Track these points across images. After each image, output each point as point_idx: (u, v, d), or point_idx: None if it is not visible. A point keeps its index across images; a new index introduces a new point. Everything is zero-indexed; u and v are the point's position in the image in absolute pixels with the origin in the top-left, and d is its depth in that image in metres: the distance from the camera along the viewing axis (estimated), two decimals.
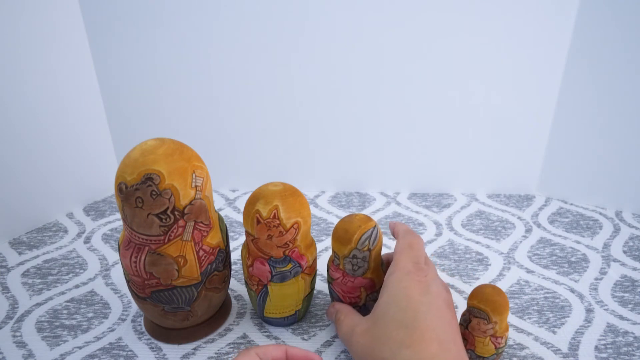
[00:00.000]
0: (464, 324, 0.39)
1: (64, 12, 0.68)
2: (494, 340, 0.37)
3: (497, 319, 0.36)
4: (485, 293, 0.37)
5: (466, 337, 0.38)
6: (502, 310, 0.37)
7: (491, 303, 0.36)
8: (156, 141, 0.43)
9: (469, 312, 0.38)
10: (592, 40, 0.66)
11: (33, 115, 0.66)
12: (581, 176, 0.75)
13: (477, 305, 0.37)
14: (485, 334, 0.37)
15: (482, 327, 0.37)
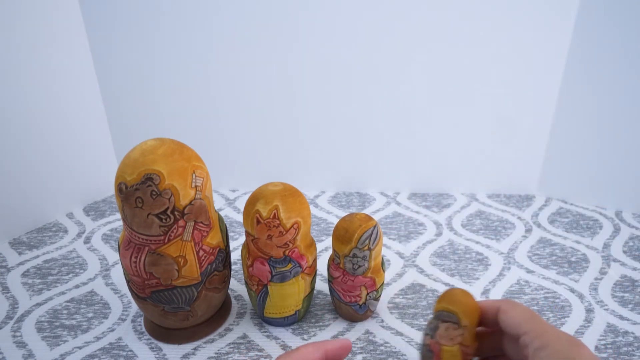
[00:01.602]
0: (430, 333, 0.34)
1: (64, 12, 0.68)
2: (464, 350, 0.33)
3: (467, 322, 0.33)
4: (454, 294, 0.35)
5: (432, 348, 0.34)
6: (472, 313, 0.34)
7: (461, 304, 0.34)
8: (156, 141, 0.43)
9: (437, 318, 0.35)
10: (591, 40, 0.66)
11: (33, 116, 0.66)
12: (581, 176, 0.75)
13: (446, 307, 0.34)
14: (454, 341, 0.33)
15: (451, 332, 0.33)
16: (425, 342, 0.34)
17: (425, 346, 0.34)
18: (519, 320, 0.30)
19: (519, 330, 0.29)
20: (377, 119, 0.75)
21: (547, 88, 0.71)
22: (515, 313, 0.30)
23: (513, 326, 0.30)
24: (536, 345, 0.27)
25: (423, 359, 0.35)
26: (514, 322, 0.30)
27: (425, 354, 0.34)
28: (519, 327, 0.29)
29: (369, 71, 0.71)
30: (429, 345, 0.34)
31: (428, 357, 0.34)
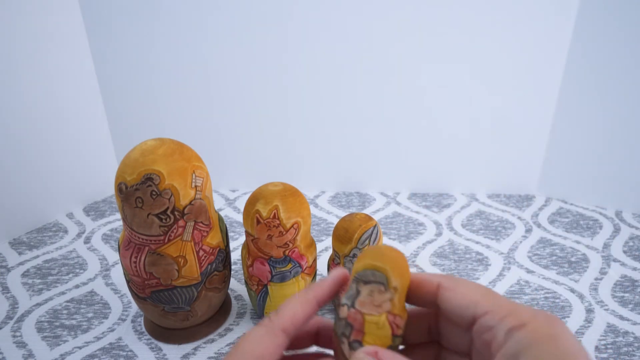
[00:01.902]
0: (347, 302, 0.26)
1: (64, 12, 0.68)
2: (392, 321, 0.25)
3: (397, 283, 0.25)
4: (379, 249, 0.27)
5: (351, 321, 0.25)
6: (403, 272, 0.26)
7: (390, 260, 0.26)
8: (156, 141, 0.43)
9: (358, 280, 0.26)
10: (591, 41, 0.66)
11: (33, 116, 0.66)
12: (581, 176, 0.75)
13: (370, 264, 0.26)
14: (380, 309, 0.25)
15: (377, 297, 0.25)
16: (342, 315, 0.25)
17: (342, 320, 0.25)
18: (473, 298, 0.23)
19: (476, 311, 0.23)
20: (377, 119, 0.75)
21: (547, 88, 0.71)
22: (465, 290, 0.24)
23: (464, 306, 0.23)
24: (509, 324, 0.21)
25: (338, 337, 0.25)
26: (466, 301, 0.23)
27: (342, 330, 0.25)
28: (474, 306, 0.23)
29: (370, 71, 0.71)
30: (346, 318, 0.25)
31: (345, 332, 0.25)
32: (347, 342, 0.25)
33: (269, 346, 0.23)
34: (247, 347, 0.23)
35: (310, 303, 0.25)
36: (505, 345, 0.20)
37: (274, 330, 0.24)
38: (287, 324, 0.24)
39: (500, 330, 0.21)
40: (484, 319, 0.22)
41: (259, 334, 0.24)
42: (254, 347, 0.23)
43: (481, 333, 0.22)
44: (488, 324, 0.22)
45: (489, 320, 0.22)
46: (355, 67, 0.71)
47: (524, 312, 0.21)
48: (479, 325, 0.23)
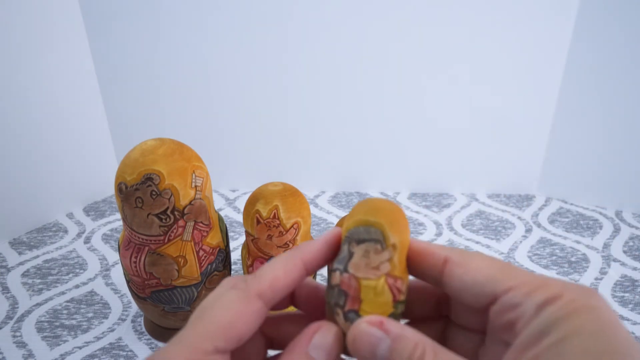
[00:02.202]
0: (339, 267, 0.22)
1: (64, 12, 0.68)
2: (393, 285, 0.21)
3: (396, 240, 0.21)
4: (372, 201, 0.23)
5: (344, 289, 0.21)
6: (402, 226, 0.22)
7: (385, 213, 0.22)
8: (156, 141, 0.43)
9: (349, 241, 0.22)
10: (591, 40, 0.66)
11: (33, 116, 0.66)
12: (581, 176, 0.75)
13: (364, 219, 0.22)
14: (379, 271, 0.21)
15: (373, 258, 0.21)
16: (333, 283, 0.21)
17: (334, 288, 0.21)
18: (490, 273, 0.19)
19: (495, 288, 0.19)
20: (378, 119, 0.75)
21: (547, 88, 0.71)
22: (479, 264, 0.20)
23: (480, 284, 0.19)
24: (540, 298, 0.17)
25: (332, 308, 0.21)
26: (482, 278, 0.19)
27: (335, 300, 0.21)
28: (493, 283, 0.19)
29: (370, 72, 0.71)
30: (339, 285, 0.21)
31: (339, 302, 0.21)
32: (341, 313, 0.21)
33: (242, 313, 0.19)
34: (215, 313, 0.19)
35: (296, 266, 0.21)
36: (535, 320, 0.17)
37: (248, 295, 0.20)
38: (264, 289, 0.20)
39: (529, 307, 0.18)
40: (507, 297, 0.19)
41: (229, 298, 0.20)
42: (221, 313, 0.19)
43: (503, 313, 0.19)
44: (513, 302, 0.18)
45: (513, 297, 0.18)
46: (355, 68, 0.71)
47: (555, 284, 0.18)
48: (500, 305, 0.19)
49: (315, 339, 0.20)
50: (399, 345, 0.19)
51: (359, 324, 0.20)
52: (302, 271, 0.22)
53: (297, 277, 0.21)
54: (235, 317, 0.19)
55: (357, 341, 0.20)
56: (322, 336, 0.20)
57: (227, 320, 0.19)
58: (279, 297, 0.21)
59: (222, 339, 0.19)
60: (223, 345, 0.19)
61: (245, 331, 0.20)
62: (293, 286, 0.21)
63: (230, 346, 0.19)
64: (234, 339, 0.19)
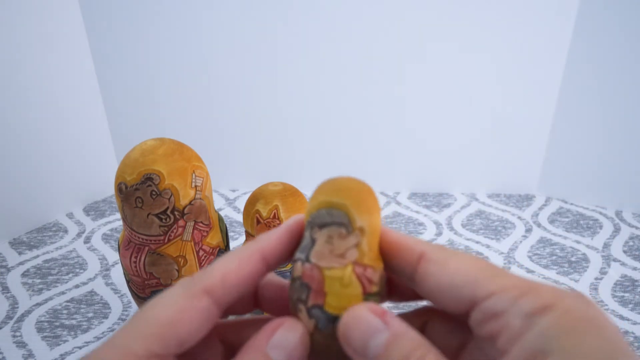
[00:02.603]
0: (301, 256, 0.19)
1: (64, 13, 0.68)
2: (362, 274, 0.18)
3: (363, 223, 0.18)
4: (337, 181, 0.20)
5: (307, 281, 0.18)
6: (370, 207, 0.19)
7: (350, 192, 0.19)
8: (156, 141, 0.43)
9: (311, 226, 0.19)
10: (592, 40, 0.66)
11: (33, 116, 0.66)
12: (581, 176, 0.75)
13: (325, 201, 0.19)
14: (345, 259, 0.18)
15: (338, 244, 0.18)
16: (295, 275, 0.19)
17: (296, 281, 0.19)
18: (471, 274, 0.17)
19: (475, 292, 0.16)
20: (378, 118, 0.75)
21: (547, 88, 0.71)
22: (459, 264, 0.17)
23: (457, 286, 0.17)
24: (528, 307, 0.15)
25: (294, 304, 0.19)
26: (460, 279, 0.17)
27: (297, 294, 0.19)
28: (473, 285, 0.16)
29: (370, 71, 0.71)
30: (300, 277, 0.19)
31: (301, 297, 0.18)
32: (304, 309, 0.18)
33: (184, 311, 0.17)
34: (153, 312, 0.17)
35: (252, 259, 0.18)
36: (527, 335, 0.14)
37: (193, 291, 0.17)
38: (213, 284, 0.17)
39: (516, 316, 0.15)
40: (488, 303, 0.16)
41: (171, 294, 0.17)
42: (160, 310, 0.17)
43: (484, 322, 0.16)
44: (495, 309, 0.16)
45: (496, 304, 0.16)
46: (355, 68, 0.71)
47: (544, 290, 0.15)
48: (480, 312, 0.16)
49: (276, 337, 0.17)
50: (398, 342, 0.16)
51: (357, 308, 0.17)
52: (260, 264, 0.19)
53: (254, 271, 0.18)
54: (176, 316, 0.17)
55: (351, 326, 0.17)
56: (283, 334, 0.18)
57: (165, 319, 0.16)
58: (234, 294, 0.18)
59: (159, 341, 0.16)
60: (159, 349, 0.16)
61: (189, 333, 0.17)
62: (251, 282, 0.18)
63: (169, 350, 0.16)
64: (174, 342, 0.16)
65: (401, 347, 0.16)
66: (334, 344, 0.18)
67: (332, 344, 0.18)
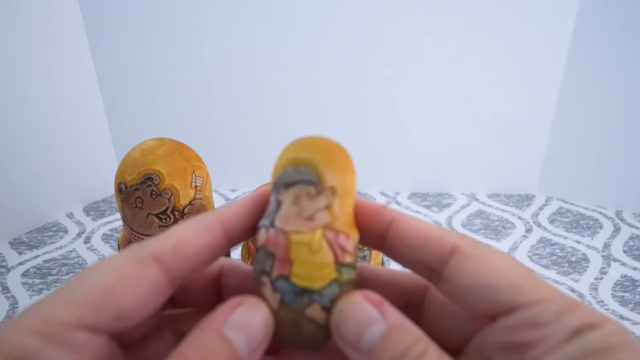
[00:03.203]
0: (266, 223, 0.17)
1: (64, 13, 0.68)
2: (334, 240, 0.16)
3: (335, 182, 0.16)
4: (307, 138, 0.18)
5: (270, 249, 0.16)
6: (343, 165, 0.17)
7: (322, 149, 0.17)
8: (156, 141, 0.43)
9: (277, 188, 0.17)
10: (592, 40, 0.66)
11: (33, 115, 0.66)
12: (581, 176, 0.75)
13: (292, 158, 0.17)
14: (314, 222, 0.16)
15: (307, 205, 0.16)
16: (258, 245, 0.17)
17: (259, 251, 0.17)
18: (514, 278, 0.15)
19: (517, 297, 0.15)
20: (377, 118, 0.75)
21: (547, 88, 0.71)
22: (500, 263, 0.16)
23: (498, 288, 0.15)
24: (576, 322, 0.14)
25: (258, 279, 0.17)
26: (504, 282, 0.15)
27: (260, 266, 0.16)
28: (516, 290, 0.15)
29: (370, 72, 0.71)
30: (264, 245, 0.16)
31: (264, 268, 0.16)
32: (269, 282, 0.16)
33: (127, 277, 0.14)
34: (90, 276, 0.14)
35: (211, 228, 0.16)
36: (568, 348, 0.14)
37: (141, 256, 0.15)
38: (164, 250, 0.15)
39: (562, 330, 0.14)
40: (530, 312, 0.15)
41: (114, 258, 0.15)
42: (98, 275, 0.14)
43: (520, 330, 0.15)
44: (539, 319, 0.15)
45: (540, 314, 0.15)
46: (355, 68, 0.71)
47: (589, 310, 0.15)
48: (517, 320, 0.15)
49: (235, 316, 0.15)
50: (396, 335, 0.15)
51: (352, 294, 0.16)
52: (219, 235, 0.16)
53: (213, 241, 0.16)
54: (116, 282, 0.14)
55: (345, 314, 0.15)
56: (244, 313, 0.15)
57: (103, 285, 0.14)
58: (187, 266, 0.15)
59: (92, 310, 0.13)
60: (92, 318, 0.13)
61: (130, 305, 0.14)
62: (208, 255, 0.16)
63: (104, 322, 0.14)
64: (110, 313, 0.14)
65: (399, 340, 0.15)
66: (302, 321, 0.16)
67: (300, 320, 0.16)
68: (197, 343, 0.14)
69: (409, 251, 0.17)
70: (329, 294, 0.16)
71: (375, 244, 0.18)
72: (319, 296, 0.16)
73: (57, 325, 0.13)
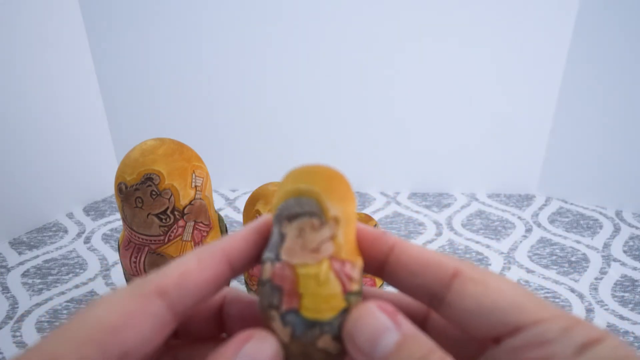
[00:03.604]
0: (270, 256, 0.17)
1: (64, 13, 0.68)
2: (340, 270, 0.16)
3: (338, 211, 0.16)
4: (305, 168, 0.18)
5: (277, 283, 0.16)
6: (344, 195, 0.17)
7: (321, 178, 0.17)
8: (156, 141, 0.43)
9: (279, 221, 0.17)
10: (592, 40, 0.66)
11: (33, 116, 0.66)
12: (581, 176, 0.75)
13: (294, 189, 0.17)
14: (319, 254, 0.16)
15: (311, 237, 0.16)
16: (264, 278, 0.17)
17: (265, 285, 0.17)
18: (516, 298, 0.16)
19: (521, 317, 0.15)
20: (377, 118, 0.75)
21: (547, 88, 0.71)
22: (500, 285, 0.16)
23: (502, 309, 0.16)
24: (581, 338, 0.15)
25: (265, 312, 0.17)
26: (507, 303, 0.16)
27: (267, 300, 0.17)
28: (519, 311, 0.15)
29: (370, 72, 0.71)
30: (270, 279, 0.17)
31: (272, 302, 0.16)
32: (277, 316, 0.16)
33: (132, 314, 0.14)
34: (94, 313, 0.14)
35: (215, 259, 0.16)
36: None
37: (144, 292, 0.15)
38: (168, 284, 0.15)
39: (568, 346, 0.15)
40: (536, 330, 0.15)
41: (117, 294, 0.15)
42: (103, 312, 0.14)
43: (526, 349, 0.15)
44: (545, 337, 0.15)
45: (547, 332, 0.15)
46: (355, 67, 0.71)
47: (590, 325, 0.15)
48: (523, 339, 0.15)
49: (246, 350, 0.15)
50: (410, 344, 0.15)
51: (366, 304, 0.16)
52: (223, 266, 0.17)
53: (217, 273, 0.16)
54: (121, 320, 0.14)
55: (359, 322, 0.15)
56: (255, 346, 0.15)
57: (108, 323, 0.14)
58: (191, 299, 0.16)
59: (97, 348, 0.13)
60: (97, 357, 0.14)
61: (135, 342, 0.14)
62: (212, 287, 0.16)
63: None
64: (116, 352, 0.14)
65: (414, 349, 0.15)
66: (314, 352, 0.16)
67: (312, 352, 0.16)
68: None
69: (410, 277, 0.17)
70: (339, 323, 0.16)
71: (375, 270, 0.18)
72: (329, 327, 0.16)
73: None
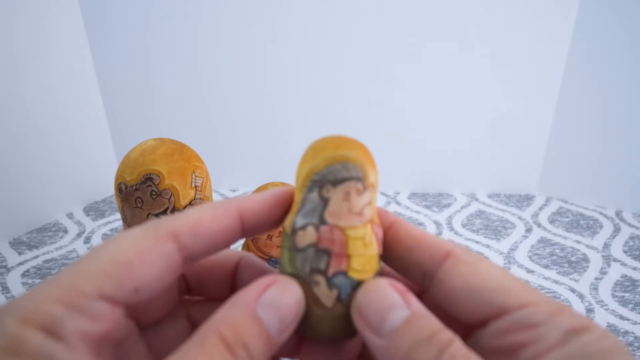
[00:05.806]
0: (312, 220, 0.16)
1: (64, 13, 0.68)
2: (377, 233, 0.17)
3: (374, 179, 0.18)
4: (338, 137, 0.19)
5: (325, 246, 0.16)
6: (374, 162, 0.19)
7: (358, 146, 0.19)
8: (156, 141, 0.43)
9: (319, 185, 0.17)
10: (592, 39, 0.66)
11: (33, 116, 0.66)
12: (581, 176, 0.75)
13: (338, 156, 0.18)
14: (363, 217, 0.17)
15: (356, 201, 0.17)
16: (303, 244, 0.16)
17: (304, 252, 0.16)
18: (504, 281, 0.16)
19: (507, 299, 0.16)
20: (377, 119, 0.75)
21: (547, 88, 0.71)
22: (490, 269, 0.16)
23: (490, 290, 0.16)
24: (567, 324, 0.15)
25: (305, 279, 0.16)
26: (494, 284, 0.16)
27: (310, 266, 0.16)
28: (506, 293, 0.16)
29: (368, 71, 0.71)
30: (315, 243, 0.16)
31: (318, 266, 0.16)
32: (324, 280, 0.16)
33: (145, 251, 0.15)
34: (108, 249, 0.15)
35: (229, 213, 0.16)
36: (565, 348, 0.14)
37: (158, 233, 0.16)
38: (182, 229, 0.15)
39: (555, 331, 0.15)
40: (522, 313, 0.15)
41: (131, 233, 0.16)
42: (117, 249, 0.15)
43: (512, 332, 0.15)
44: (531, 320, 0.15)
45: (533, 315, 0.15)
46: (354, 68, 0.71)
47: (576, 313, 0.16)
48: (509, 321, 0.15)
49: (269, 295, 0.15)
50: (419, 322, 0.15)
51: (378, 280, 0.16)
52: (235, 222, 0.16)
53: (229, 227, 0.16)
54: (134, 256, 0.15)
55: (370, 295, 0.15)
56: (278, 292, 0.15)
57: (122, 259, 0.14)
58: (203, 247, 0.16)
59: (112, 281, 0.14)
60: (112, 290, 0.14)
61: (147, 278, 0.15)
62: (222, 239, 0.16)
63: (123, 294, 0.14)
64: (129, 286, 0.14)
65: (422, 327, 0.15)
66: (347, 316, 0.16)
67: (346, 315, 0.16)
68: (229, 319, 0.14)
69: (405, 252, 0.18)
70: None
71: None
72: None
73: (79, 294, 0.13)
